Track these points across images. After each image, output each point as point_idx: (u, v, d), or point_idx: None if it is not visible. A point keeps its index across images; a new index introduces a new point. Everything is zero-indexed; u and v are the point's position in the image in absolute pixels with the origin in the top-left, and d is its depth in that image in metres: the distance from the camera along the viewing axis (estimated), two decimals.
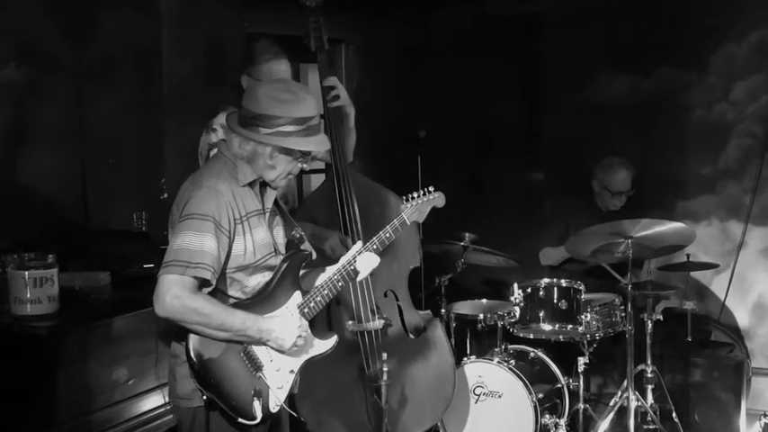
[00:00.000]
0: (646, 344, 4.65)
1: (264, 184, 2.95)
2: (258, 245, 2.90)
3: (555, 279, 4.74)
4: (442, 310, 4.84)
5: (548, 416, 4.54)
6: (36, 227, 4.54)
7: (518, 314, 4.71)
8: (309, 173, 6.11)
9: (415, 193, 3.10)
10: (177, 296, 2.70)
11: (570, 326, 4.64)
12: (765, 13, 5.39)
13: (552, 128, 6.08)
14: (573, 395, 4.72)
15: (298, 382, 2.99)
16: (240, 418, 2.81)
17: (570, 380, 4.73)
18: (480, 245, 4.96)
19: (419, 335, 4.07)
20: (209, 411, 2.83)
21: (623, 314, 4.70)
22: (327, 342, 3.04)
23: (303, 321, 2.92)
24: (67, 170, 4.93)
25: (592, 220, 4.90)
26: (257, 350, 2.87)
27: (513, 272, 5.18)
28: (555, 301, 4.68)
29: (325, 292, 2.98)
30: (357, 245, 3.06)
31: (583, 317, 4.62)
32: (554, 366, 4.73)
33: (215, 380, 2.78)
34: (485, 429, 4.56)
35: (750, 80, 5.47)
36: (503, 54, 6.24)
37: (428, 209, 3.13)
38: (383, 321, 3.91)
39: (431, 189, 3.12)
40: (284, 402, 2.91)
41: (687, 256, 5.02)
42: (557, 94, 6.02)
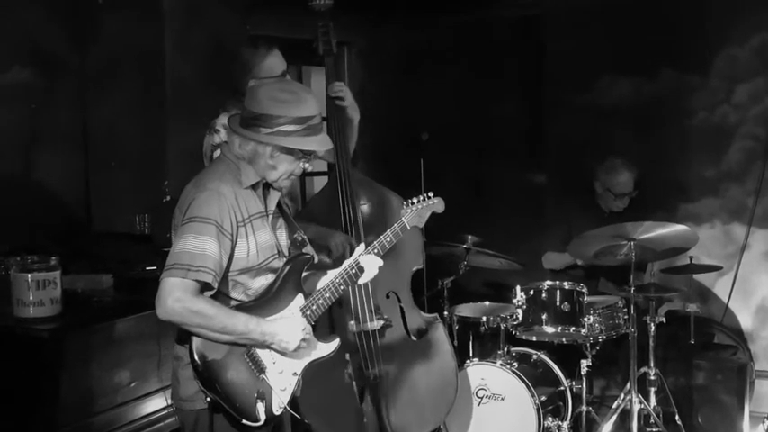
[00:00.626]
0: (649, 346, 4.64)
1: (267, 186, 2.95)
2: (261, 247, 2.89)
3: (557, 281, 4.74)
4: (445, 313, 4.83)
5: (550, 418, 4.54)
6: (39, 229, 4.55)
7: (521, 316, 4.70)
8: (311, 175, 6.11)
9: (415, 199, 3.12)
10: (179, 299, 2.69)
11: (573, 328, 4.63)
12: (767, 16, 5.39)
13: (555, 130, 6.07)
14: (576, 398, 4.71)
15: (300, 384, 2.99)
16: (244, 420, 2.80)
17: (573, 382, 4.72)
18: (483, 247, 4.97)
19: (421, 337, 4.07)
20: (212, 413, 2.83)
21: (626, 316, 4.70)
22: (330, 345, 3.04)
23: (306, 324, 2.92)
24: (70, 172, 4.93)
25: (594, 222, 4.89)
26: (260, 352, 2.86)
27: (516, 274, 5.18)
28: (558, 303, 4.67)
29: (327, 295, 2.98)
30: (360, 247, 3.07)
31: (585, 319, 4.61)
32: (557, 369, 4.73)
33: (219, 382, 2.78)
34: None
35: (752, 83, 5.46)
36: (505, 57, 6.24)
37: (428, 214, 3.14)
38: (382, 322, 3.92)
39: (430, 194, 3.13)
40: (287, 404, 2.91)
41: (690, 258, 5.02)
42: (559, 97, 6.02)
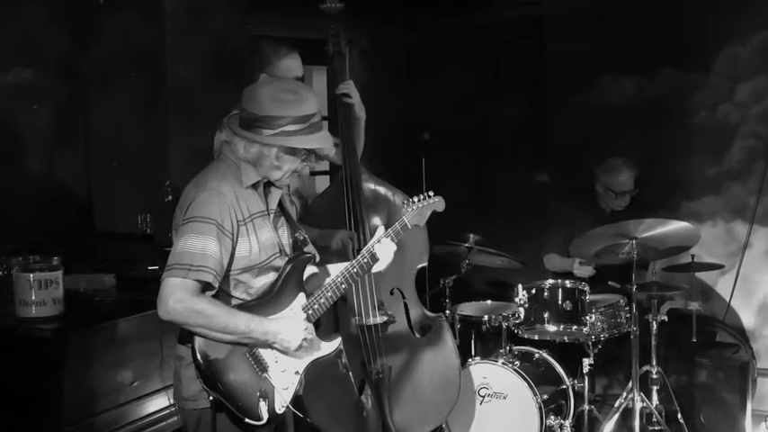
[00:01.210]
0: (651, 345, 4.64)
1: (268, 185, 2.95)
2: (263, 245, 2.89)
3: (559, 280, 4.74)
4: (447, 312, 4.85)
5: (552, 417, 4.54)
6: (41, 229, 4.55)
7: (523, 315, 4.70)
8: (314, 174, 6.11)
9: (416, 197, 3.12)
10: (180, 299, 2.69)
11: (575, 327, 4.63)
12: None
13: (557, 130, 6.07)
14: (578, 396, 4.71)
15: (303, 383, 3.00)
16: (246, 419, 2.80)
17: (575, 381, 4.72)
18: (485, 246, 4.97)
19: (425, 334, 4.07)
20: (215, 412, 2.83)
21: (628, 315, 4.70)
22: (332, 344, 3.05)
23: (308, 323, 2.93)
24: (72, 172, 4.94)
25: (596, 221, 4.88)
26: (263, 351, 2.86)
27: (518, 273, 5.19)
28: (559, 302, 4.67)
29: (328, 294, 2.98)
30: (380, 230, 3.06)
31: (588, 318, 4.61)
32: (559, 367, 4.73)
33: (221, 381, 2.78)
34: (490, 430, 4.55)
35: (754, 81, 5.46)
36: (507, 56, 6.24)
37: (428, 213, 3.14)
38: (385, 317, 3.92)
39: (431, 194, 3.14)
40: (289, 403, 2.91)
41: (692, 256, 5.01)
42: (561, 96, 6.01)
